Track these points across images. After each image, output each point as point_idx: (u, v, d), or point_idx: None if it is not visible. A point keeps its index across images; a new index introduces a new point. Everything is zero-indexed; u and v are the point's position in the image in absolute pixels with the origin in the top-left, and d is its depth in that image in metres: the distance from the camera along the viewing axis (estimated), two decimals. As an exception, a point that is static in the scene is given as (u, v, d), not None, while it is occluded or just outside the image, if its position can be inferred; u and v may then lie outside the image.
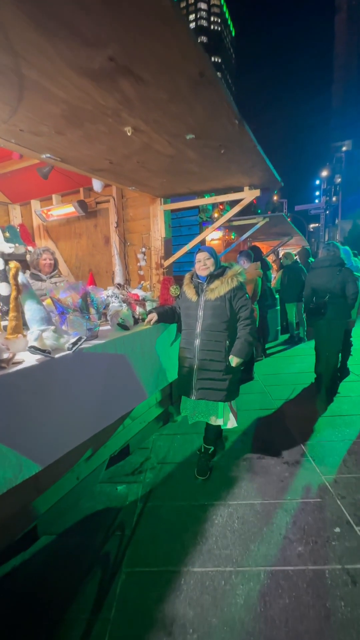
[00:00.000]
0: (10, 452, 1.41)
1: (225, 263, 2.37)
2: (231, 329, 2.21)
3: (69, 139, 1.64)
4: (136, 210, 3.67)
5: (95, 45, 0.94)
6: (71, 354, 1.70)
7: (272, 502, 2.10)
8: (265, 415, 3.28)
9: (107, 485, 2.33)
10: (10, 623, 1.45)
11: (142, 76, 1.08)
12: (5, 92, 1.19)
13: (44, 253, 3.28)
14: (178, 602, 1.53)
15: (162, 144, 1.69)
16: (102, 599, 1.56)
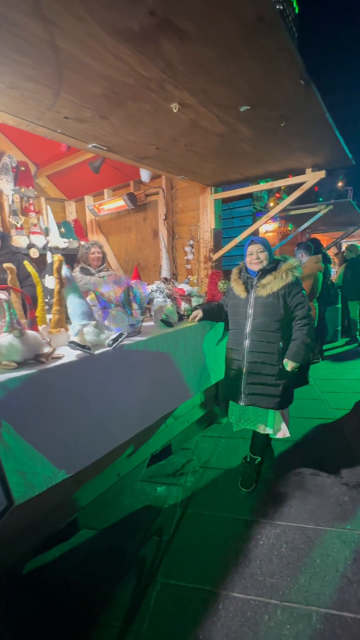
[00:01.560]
0: (49, 449, 1.38)
1: (278, 256, 2.12)
2: (285, 329, 1.99)
3: (112, 123, 1.54)
4: (185, 201, 3.52)
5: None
6: (111, 350, 1.63)
7: (327, 529, 1.83)
8: (321, 426, 2.94)
9: (148, 485, 2.26)
10: (43, 614, 1.44)
11: (185, 29, 0.91)
12: (44, 73, 1.12)
13: (92, 247, 3.32)
14: (215, 629, 1.38)
15: (211, 121, 1.50)
16: (135, 608, 1.48)
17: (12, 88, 1.22)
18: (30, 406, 1.31)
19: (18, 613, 1.45)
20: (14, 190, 3.79)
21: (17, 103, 1.35)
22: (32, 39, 0.95)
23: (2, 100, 1.33)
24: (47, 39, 0.95)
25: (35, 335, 1.41)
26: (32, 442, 1.31)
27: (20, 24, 0.89)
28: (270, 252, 2.04)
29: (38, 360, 1.38)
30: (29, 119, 1.50)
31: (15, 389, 1.26)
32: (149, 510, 2.04)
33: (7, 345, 1.30)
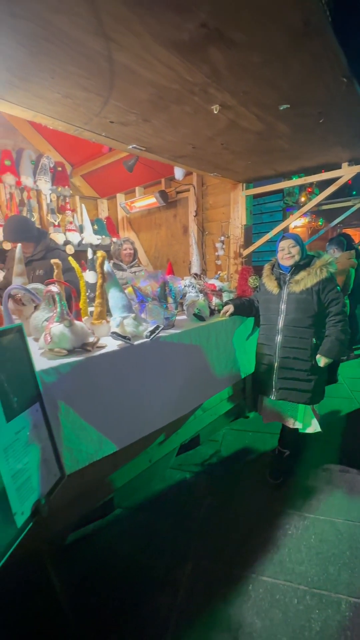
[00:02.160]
0: (92, 430, 1.51)
1: (312, 252, 2.12)
2: (318, 325, 1.99)
3: (154, 125, 1.62)
4: (216, 197, 3.56)
5: (187, 9, 0.86)
6: (149, 341, 1.73)
7: (357, 524, 1.84)
8: (351, 424, 2.90)
9: (177, 472, 2.36)
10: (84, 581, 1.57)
11: (234, 38, 0.97)
12: (98, 82, 1.21)
13: (124, 243, 3.45)
14: (245, 608, 1.46)
15: (249, 120, 1.54)
16: (169, 581, 1.58)
17: (67, 97, 1.33)
18: (78, 389, 1.44)
19: (62, 578, 1.60)
20: (52, 189, 4.00)
21: (70, 111, 1.46)
22: (91, 54, 1.05)
23: (56, 109, 1.44)
24: (105, 54, 1.04)
25: (82, 325, 1.53)
26: (79, 422, 1.44)
27: (83, 41, 0.98)
28: (303, 248, 2.03)
29: (84, 349, 1.51)
30: (77, 124, 1.61)
31: (66, 374, 1.39)
32: (179, 496, 2.13)
33: (58, 333, 1.42)
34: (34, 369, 1.20)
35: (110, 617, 1.43)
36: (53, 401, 1.33)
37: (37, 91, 1.28)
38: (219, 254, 3.38)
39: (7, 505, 0.98)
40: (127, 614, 1.44)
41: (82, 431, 1.46)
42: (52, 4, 0.83)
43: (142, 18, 0.89)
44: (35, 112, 1.48)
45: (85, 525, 1.90)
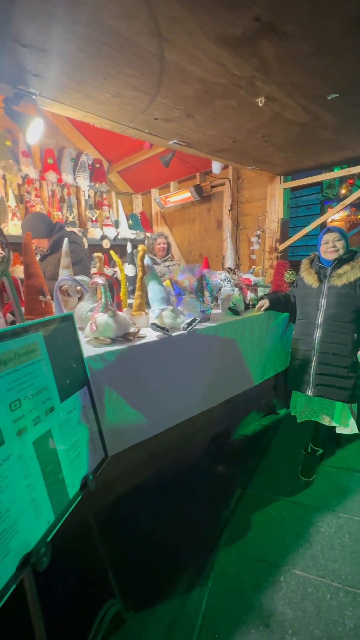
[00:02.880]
0: (132, 415, 1.59)
1: (355, 247, 2.07)
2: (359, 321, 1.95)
3: (196, 120, 1.64)
4: (252, 191, 3.51)
5: (242, 5, 0.87)
6: (186, 333, 1.78)
7: None
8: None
9: (210, 463, 2.41)
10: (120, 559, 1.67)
11: (287, 30, 0.96)
12: (147, 81, 1.26)
13: (158, 238, 3.51)
14: (277, 597, 1.48)
15: (295, 111, 1.52)
16: (201, 566, 1.64)
17: (117, 97, 1.39)
18: (121, 376, 1.52)
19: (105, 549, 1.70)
20: (90, 186, 4.14)
21: (117, 110, 1.52)
22: (145, 54, 1.09)
23: (105, 108, 1.51)
24: (157, 53, 1.08)
25: (124, 316, 1.61)
26: (120, 406, 1.53)
27: (138, 43, 1.03)
28: (347, 241, 2.00)
29: (126, 338, 1.58)
30: (123, 122, 1.67)
31: (110, 361, 1.47)
32: (211, 486, 2.18)
33: (103, 323, 1.51)
34: (83, 354, 1.29)
35: (146, 590, 1.51)
36: (98, 386, 1.42)
37: (89, 92, 1.35)
38: (254, 248, 3.35)
39: (62, 477, 1.08)
40: (162, 590, 1.51)
41: (123, 415, 1.55)
42: (114, 10, 0.88)
43: (197, 16, 0.92)
44: (85, 112, 1.55)
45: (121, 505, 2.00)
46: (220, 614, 1.42)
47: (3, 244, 1.03)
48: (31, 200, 3.56)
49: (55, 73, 1.20)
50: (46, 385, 1.07)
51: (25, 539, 0.88)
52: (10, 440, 0.89)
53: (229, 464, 2.39)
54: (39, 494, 0.96)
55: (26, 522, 0.90)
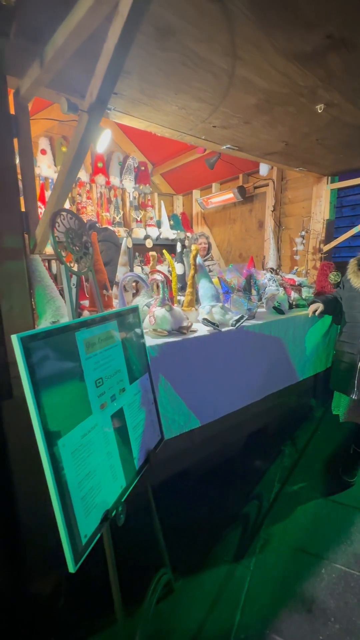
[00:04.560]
0: (183, 403, 1.71)
1: None
2: None
3: (253, 126, 1.72)
4: (296, 192, 3.51)
5: (316, 25, 0.95)
6: (234, 329, 1.87)
7: None
8: None
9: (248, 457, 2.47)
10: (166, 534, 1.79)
11: (356, 42, 1.02)
12: (214, 94, 1.36)
13: (200, 238, 3.62)
14: (319, 587, 1.53)
15: (353, 114, 1.55)
16: (243, 551, 1.72)
17: (182, 109, 1.51)
18: (175, 366, 1.64)
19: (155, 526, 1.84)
20: (135, 187, 4.34)
21: (180, 120, 1.64)
22: (216, 71, 1.19)
23: (169, 119, 1.63)
24: (229, 70, 1.18)
25: (179, 310, 1.73)
26: (174, 394, 1.65)
27: (213, 61, 1.13)
28: None
29: (180, 332, 1.71)
30: (183, 130, 1.79)
31: (167, 351, 1.60)
32: (249, 479, 2.25)
33: (161, 316, 1.64)
34: (145, 344, 1.42)
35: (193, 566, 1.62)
36: (156, 373, 1.55)
37: (158, 105, 1.48)
38: (298, 249, 3.35)
39: (130, 450, 1.21)
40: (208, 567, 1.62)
41: (176, 403, 1.67)
42: (196, 35, 0.99)
43: (271, 36, 1.00)
44: (149, 123, 1.69)
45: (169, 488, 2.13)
46: (263, 595, 1.49)
47: (88, 243, 1.18)
48: (82, 201, 3.81)
49: (132, 91, 1.34)
50: (120, 369, 1.21)
51: (106, 499, 1.03)
52: (96, 412, 1.04)
53: (267, 459, 2.44)
54: (115, 461, 1.10)
55: (106, 484, 1.04)
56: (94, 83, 0.86)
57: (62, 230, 1.08)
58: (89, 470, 0.97)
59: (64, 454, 0.88)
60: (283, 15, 0.92)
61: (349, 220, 4.36)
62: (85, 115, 0.90)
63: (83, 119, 0.91)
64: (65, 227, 1.08)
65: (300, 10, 0.91)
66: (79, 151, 0.97)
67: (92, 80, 0.87)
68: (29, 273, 1.30)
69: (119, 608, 1.08)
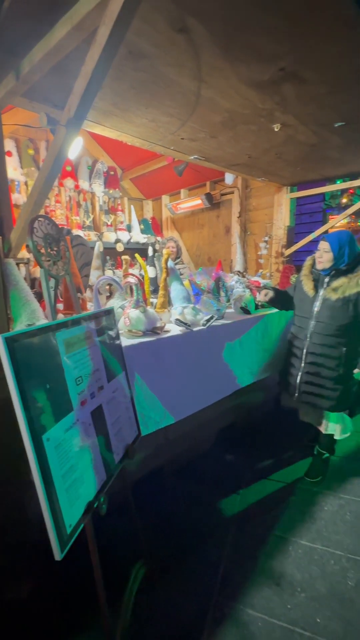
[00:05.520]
0: (158, 401, 1.79)
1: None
2: (351, 336, 1.91)
3: (219, 140, 1.86)
4: (259, 199, 3.74)
5: (271, 60, 1.09)
6: (205, 329, 1.98)
7: (392, 506, 1.98)
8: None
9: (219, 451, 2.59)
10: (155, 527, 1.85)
11: (306, 77, 1.18)
12: (182, 111, 1.47)
13: (169, 242, 3.73)
14: (286, 562, 1.67)
15: (306, 135, 1.74)
16: (216, 538, 1.82)
17: (152, 122, 1.61)
18: (150, 365, 1.72)
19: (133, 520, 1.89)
20: (104, 192, 4.36)
21: (150, 131, 1.74)
22: (185, 91, 1.30)
23: (140, 130, 1.72)
24: (195, 91, 1.29)
25: (153, 312, 1.81)
26: (149, 392, 1.72)
27: (181, 83, 1.24)
28: (343, 253, 1.84)
29: (154, 332, 1.78)
30: (152, 141, 1.88)
31: (142, 351, 1.67)
32: (222, 471, 2.37)
33: (135, 317, 1.71)
34: (121, 344, 1.49)
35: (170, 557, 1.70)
36: (132, 372, 1.61)
37: (129, 118, 1.57)
38: (262, 253, 3.57)
39: (110, 445, 1.27)
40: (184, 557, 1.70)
41: (151, 400, 1.75)
42: (167, 60, 1.10)
43: (233, 65, 1.13)
44: (120, 133, 1.77)
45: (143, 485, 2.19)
46: (237, 575, 1.60)
47: (66, 248, 1.23)
48: (51, 205, 3.77)
49: (105, 103, 1.41)
50: (98, 367, 1.27)
51: (88, 491, 1.08)
52: (77, 409, 1.09)
53: (237, 452, 2.58)
54: (95, 455, 1.16)
55: (88, 476, 1.09)
56: (72, 100, 0.93)
57: (40, 235, 1.12)
58: (72, 464, 1.01)
59: (48, 448, 0.92)
60: (243, 50, 1.05)
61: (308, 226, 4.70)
62: (63, 129, 0.96)
63: (61, 133, 0.97)
64: (43, 232, 1.12)
65: (258, 48, 1.04)
66: (56, 161, 1.03)
67: (71, 98, 0.93)
68: (3, 276, 1.32)
69: (102, 596, 1.13)
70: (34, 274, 3.17)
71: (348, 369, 1.96)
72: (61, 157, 1.05)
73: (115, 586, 1.41)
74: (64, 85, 1.18)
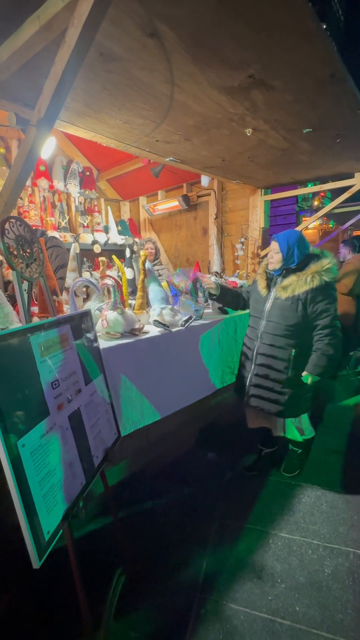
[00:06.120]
0: (137, 401, 1.79)
1: (317, 250, 1.85)
2: (301, 337, 1.83)
3: (193, 143, 1.89)
4: (235, 202, 3.81)
5: (239, 67, 1.12)
6: (184, 329, 2.00)
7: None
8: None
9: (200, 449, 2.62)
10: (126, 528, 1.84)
11: (274, 85, 1.23)
12: (156, 113, 1.48)
13: (147, 243, 3.73)
14: (266, 556, 1.71)
15: (277, 139, 1.80)
16: (199, 537, 1.84)
17: (126, 123, 1.61)
18: (128, 367, 1.72)
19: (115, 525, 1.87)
20: (80, 192, 4.29)
21: (125, 132, 1.74)
22: (158, 95, 1.32)
23: (114, 131, 1.72)
24: (168, 94, 1.31)
25: (131, 313, 1.81)
26: (127, 394, 1.72)
27: (154, 86, 1.25)
28: (292, 253, 1.78)
29: (133, 333, 1.78)
30: (128, 142, 1.88)
31: (120, 353, 1.66)
32: (203, 469, 2.39)
33: (113, 319, 1.70)
34: (99, 346, 1.48)
35: (153, 558, 1.70)
36: (111, 374, 1.60)
37: (103, 119, 1.56)
38: (238, 254, 3.64)
39: (89, 448, 1.26)
40: (167, 557, 1.70)
41: (130, 402, 1.74)
42: (139, 63, 1.11)
43: (204, 71, 1.16)
44: (95, 134, 1.76)
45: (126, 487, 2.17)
46: (219, 571, 1.63)
47: (39, 250, 1.21)
48: (24, 205, 3.67)
49: (77, 104, 1.40)
50: (75, 370, 1.25)
51: (67, 496, 1.06)
52: (54, 413, 1.07)
53: (217, 450, 2.61)
54: (74, 459, 1.14)
55: (67, 481, 1.08)
56: (42, 101, 0.92)
57: (12, 237, 1.10)
58: (49, 469, 1.00)
59: (23, 454, 0.90)
60: (212, 57, 1.07)
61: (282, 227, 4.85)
62: (34, 129, 0.95)
63: (31, 133, 0.96)
64: (15, 234, 1.10)
65: (226, 55, 1.07)
66: (27, 162, 1.01)
67: (41, 98, 0.92)
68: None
69: (83, 603, 1.12)
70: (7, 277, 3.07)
71: (297, 372, 1.86)
72: (32, 157, 1.03)
73: (97, 591, 1.39)
74: (35, 84, 1.16)
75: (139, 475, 2.21)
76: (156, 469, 2.30)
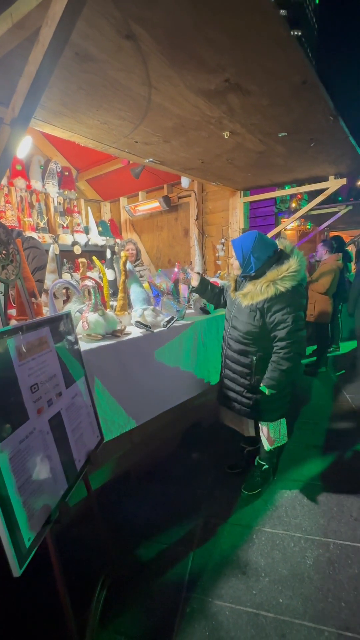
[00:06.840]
0: (122, 403, 1.77)
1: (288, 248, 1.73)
2: (262, 345, 1.78)
3: (172, 145, 1.90)
4: (215, 203, 3.86)
5: (216, 70, 1.14)
6: (166, 330, 2.00)
7: (344, 488, 2.15)
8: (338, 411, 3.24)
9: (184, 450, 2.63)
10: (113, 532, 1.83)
11: (249, 89, 1.26)
12: (134, 115, 1.48)
13: (127, 244, 3.71)
14: (250, 551, 1.74)
15: (253, 143, 1.84)
16: (184, 536, 1.85)
17: (104, 124, 1.60)
18: (111, 368, 1.70)
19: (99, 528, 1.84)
20: (59, 192, 4.22)
21: (103, 133, 1.73)
22: (135, 96, 1.32)
23: (92, 131, 1.71)
24: (146, 96, 1.31)
25: (112, 314, 1.79)
26: (113, 396, 1.70)
27: (131, 88, 1.25)
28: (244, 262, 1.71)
29: (114, 335, 1.77)
30: (106, 143, 1.87)
31: (102, 355, 1.65)
32: (187, 470, 2.41)
33: (94, 321, 1.68)
34: (80, 348, 1.46)
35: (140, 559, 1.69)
36: (92, 377, 1.59)
37: (80, 119, 1.55)
38: (219, 255, 3.68)
39: (71, 452, 1.24)
40: (153, 558, 1.70)
41: (114, 405, 1.73)
42: (117, 66, 1.11)
43: (181, 74, 1.17)
44: (72, 133, 1.74)
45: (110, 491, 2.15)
46: (204, 569, 1.64)
47: (16, 251, 1.18)
48: (1, 206, 3.57)
49: (54, 103, 1.38)
50: (55, 374, 1.23)
51: (48, 501, 1.04)
52: (33, 417, 1.05)
53: (201, 450, 2.63)
54: (55, 464, 1.12)
55: (48, 487, 1.06)
56: (16, 99, 0.90)
57: (-14, 238, 1.07)
58: (29, 475, 0.98)
59: (1, 461, 0.88)
60: (189, 60, 1.09)
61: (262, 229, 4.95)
62: (8, 129, 0.93)
63: (5, 132, 0.94)
64: (-10, 234, 1.07)
65: (202, 58, 1.09)
66: (1, 162, 0.99)
67: (14, 97, 0.91)
68: None
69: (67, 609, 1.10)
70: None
71: (261, 379, 1.81)
72: (7, 157, 1.01)
73: (82, 596, 1.37)
74: (9, 82, 1.14)
75: (123, 477, 2.19)
76: (140, 470, 2.29)
